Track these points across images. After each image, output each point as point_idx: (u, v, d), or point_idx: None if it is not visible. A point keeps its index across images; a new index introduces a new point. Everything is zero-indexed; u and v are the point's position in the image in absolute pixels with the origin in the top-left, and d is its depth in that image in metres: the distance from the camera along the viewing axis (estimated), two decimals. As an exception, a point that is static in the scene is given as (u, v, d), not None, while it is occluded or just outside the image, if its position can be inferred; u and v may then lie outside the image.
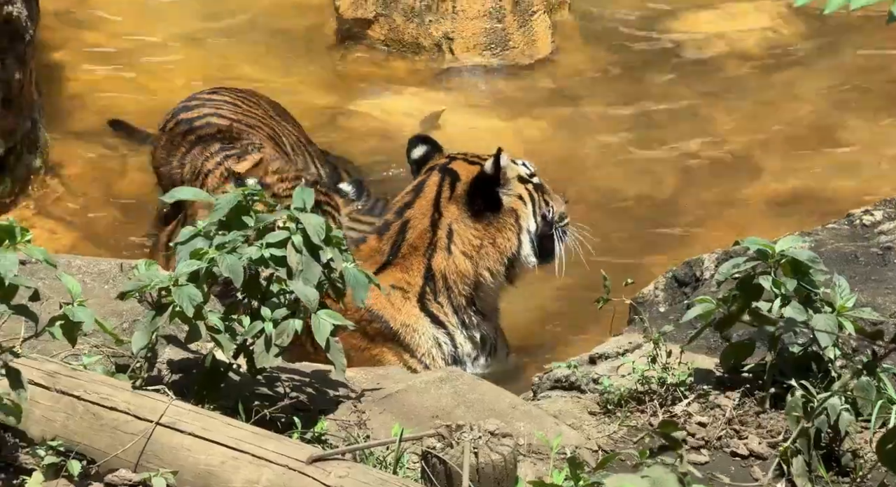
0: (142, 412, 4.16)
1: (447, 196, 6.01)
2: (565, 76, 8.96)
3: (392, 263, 5.98)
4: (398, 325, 5.93)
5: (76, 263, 5.08)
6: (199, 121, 7.40)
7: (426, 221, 5.99)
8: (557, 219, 6.16)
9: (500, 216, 5.99)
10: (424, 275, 5.96)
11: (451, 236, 5.97)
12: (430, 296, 5.96)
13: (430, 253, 5.96)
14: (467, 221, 5.99)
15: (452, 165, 6.10)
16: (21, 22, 7.26)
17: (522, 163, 6.20)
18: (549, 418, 4.67)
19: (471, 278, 5.98)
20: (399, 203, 6.14)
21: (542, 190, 6.17)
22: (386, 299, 5.92)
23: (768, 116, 8.51)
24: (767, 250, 4.67)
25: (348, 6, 9.17)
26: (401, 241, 5.98)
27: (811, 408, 4.51)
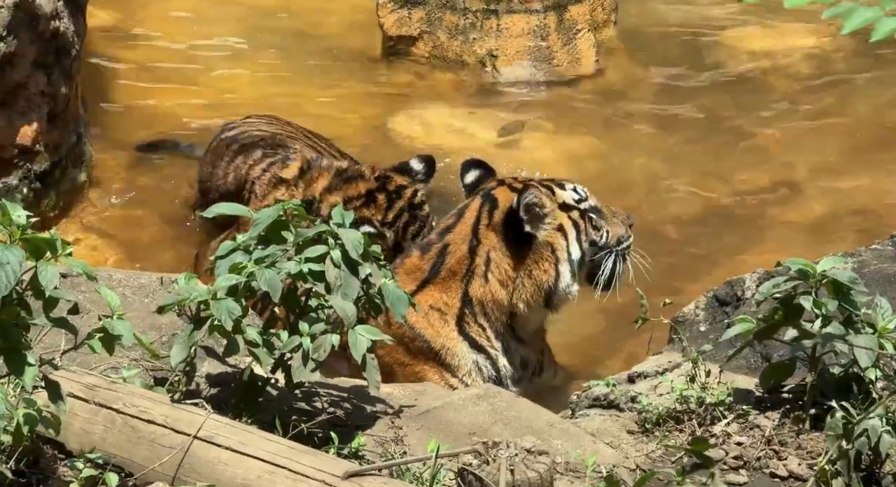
0: (179, 425, 4.17)
1: (486, 223, 5.97)
2: (609, 93, 8.96)
3: (432, 282, 5.97)
4: (438, 346, 5.92)
5: (117, 276, 5.11)
6: (241, 136, 7.46)
7: (465, 247, 5.96)
8: (614, 243, 6.05)
9: (536, 247, 5.92)
10: (462, 299, 5.93)
11: (489, 264, 5.93)
12: (468, 319, 5.93)
13: (468, 280, 5.93)
14: (504, 250, 5.93)
15: (495, 191, 6.06)
16: (68, 37, 7.31)
17: (573, 188, 6.10)
18: (587, 436, 4.65)
19: (506, 307, 5.93)
20: (443, 224, 6.13)
21: (592, 215, 6.05)
22: (426, 319, 5.91)
23: (815, 135, 8.47)
24: (808, 270, 4.64)
25: (393, 23, 9.20)
26: (440, 264, 5.97)
27: (851, 430, 4.47)
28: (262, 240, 4.52)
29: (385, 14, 9.22)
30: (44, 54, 7.16)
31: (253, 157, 7.22)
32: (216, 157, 7.42)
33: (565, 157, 8.22)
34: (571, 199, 6.06)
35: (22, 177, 7.18)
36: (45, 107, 7.21)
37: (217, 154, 7.43)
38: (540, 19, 9.07)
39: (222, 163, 7.35)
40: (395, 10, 9.20)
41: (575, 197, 6.07)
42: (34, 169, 7.22)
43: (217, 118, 8.51)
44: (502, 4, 9.07)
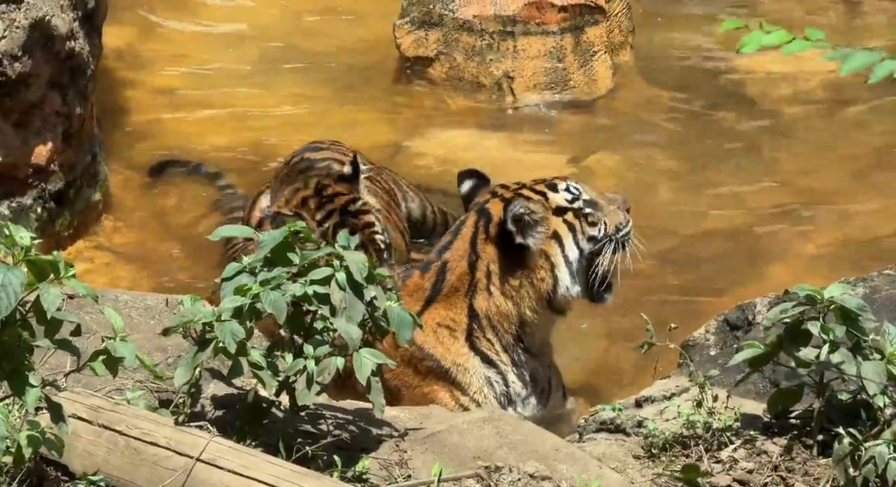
0: (182, 447, 4.17)
1: (483, 237, 5.95)
2: (625, 116, 8.95)
3: (436, 300, 5.96)
4: (449, 364, 5.91)
5: (123, 298, 5.11)
6: (320, 164, 7.37)
7: (464, 263, 5.95)
8: (613, 232, 5.99)
9: (532, 256, 5.92)
10: (469, 314, 5.93)
11: (490, 277, 5.92)
12: (478, 334, 5.92)
13: (472, 295, 5.93)
14: (503, 262, 5.92)
15: (488, 205, 6.03)
16: (83, 57, 7.34)
17: (565, 188, 6.03)
18: (593, 461, 4.63)
19: (514, 317, 5.93)
20: (441, 242, 6.13)
21: (587, 211, 5.98)
22: (435, 337, 5.90)
23: (831, 159, 8.45)
24: (816, 296, 4.62)
25: (409, 44, 9.22)
26: (441, 282, 5.96)
27: (859, 457, 4.45)
28: (268, 262, 4.52)
29: (402, 35, 9.24)
30: (59, 74, 7.19)
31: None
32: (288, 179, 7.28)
33: (580, 178, 8.21)
34: (564, 201, 5.99)
35: (36, 196, 7.20)
36: (59, 127, 7.23)
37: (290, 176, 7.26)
38: (556, 41, 9.08)
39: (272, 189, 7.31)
40: (412, 32, 9.22)
41: (568, 197, 6.00)
42: (48, 188, 7.24)
43: (233, 139, 8.54)
44: (519, 26, 9.08)
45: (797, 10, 10.17)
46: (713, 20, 10.01)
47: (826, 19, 10.06)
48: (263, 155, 8.45)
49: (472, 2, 9.15)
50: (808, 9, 10.20)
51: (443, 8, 9.16)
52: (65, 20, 7.15)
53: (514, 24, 9.08)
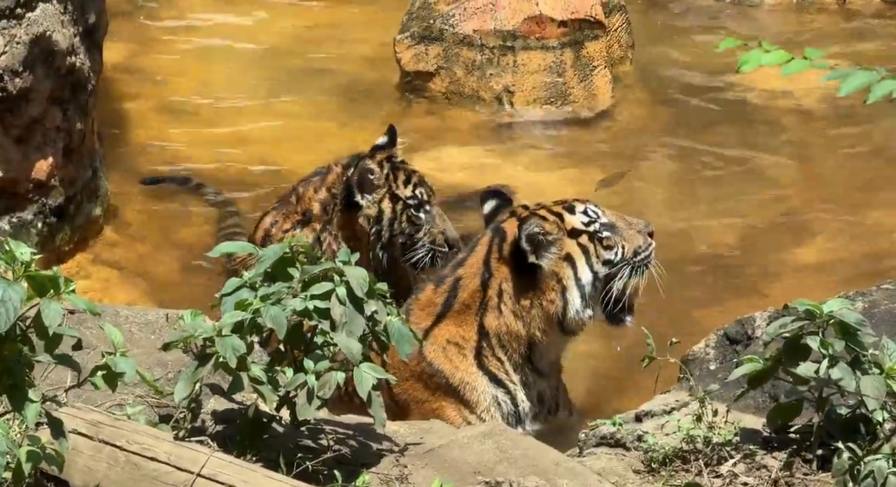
0: (182, 463, 4.17)
1: (497, 256, 5.94)
2: (626, 130, 8.97)
3: (446, 316, 5.95)
4: (457, 382, 5.90)
5: (124, 313, 5.12)
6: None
7: (477, 280, 5.94)
8: (630, 256, 5.96)
9: (543, 277, 5.90)
10: (479, 332, 5.92)
11: (502, 296, 5.91)
12: (487, 353, 5.91)
13: (483, 312, 5.92)
14: (515, 281, 5.91)
15: (504, 224, 6.02)
16: (84, 72, 7.35)
17: (583, 211, 6.01)
18: (593, 476, 4.63)
19: (524, 338, 5.92)
20: (455, 258, 6.13)
21: (603, 234, 5.96)
22: (444, 354, 5.89)
23: (831, 174, 8.46)
24: (815, 311, 4.63)
25: (410, 59, 9.24)
26: (453, 298, 5.95)
27: (858, 471, 4.45)
28: (268, 277, 4.53)
29: (402, 50, 9.26)
30: (60, 90, 7.20)
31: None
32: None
33: (581, 193, 8.21)
34: (580, 223, 5.97)
35: (37, 211, 7.21)
36: (60, 142, 7.25)
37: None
38: (556, 56, 9.10)
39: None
40: (412, 46, 9.24)
41: (584, 220, 5.98)
42: (49, 203, 7.25)
43: (233, 154, 8.56)
44: (519, 41, 9.10)
45: (795, 21, 10.20)
46: (713, 34, 10.05)
47: (821, 28, 10.09)
48: (265, 170, 8.46)
49: (472, 16, 9.17)
50: (802, 20, 10.23)
51: (443, 23, 9.19)
52: (65, 36, 7.17)
53: (514, 38, 9.10)
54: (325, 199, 6.85)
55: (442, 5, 9.25)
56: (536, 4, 9.11)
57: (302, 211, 6.91)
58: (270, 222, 7.12)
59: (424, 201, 6.84)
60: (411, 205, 6.83)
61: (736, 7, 10.59)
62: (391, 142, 7.08)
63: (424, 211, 6.84)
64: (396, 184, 6.83)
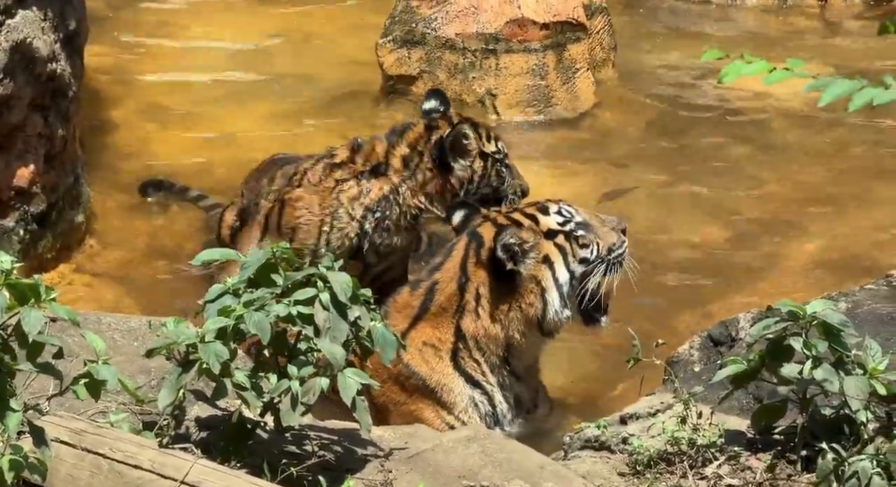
0: (166, 470, 4.16)
1: (474, 260, 5.97)
2: (608, 133, 8.97)
3: (423, 318, 5.97)
4: (434, 383, 5.92)
5: (106, 320, 5.11)
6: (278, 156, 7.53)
7: (454, 284, 5.97)
8: (605, 253, 6.00)
9: (522, 281, 5.92)
10: (455, 334, 5.94)
11: (479, 300, 5.94)
12: (463, 354, 5.93)
13: (460, 316, 5.94)
14: (493, 286, 5.93)
15: (480, 229, 6.05)
16: (65, 79, 7.34)
17: (557, 211, 6.05)
18: (578, 479, 4.63)
19: (502, 340, 5.94)
20: (432, 262, 6.14)
21: (578, 233, 6.00)
22: (420, 356, 5.91)
23: (813, 175, 8.48)
24: (798, 312, 4.64)
25: (392, 63, 9.23)
26: (429, 301, 5.98)
27: (842, 472, 4.46)
28: (252, 283, 4.52)
29: (384, 54, 9.26)
30: (41, 96, 7.18)
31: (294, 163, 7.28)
32: (259, 175, 7.45)
33: (564, 196, 8.20)
34: (556, 224, 6.00)
35: (18, 219, 7.18)
36: (41, 149, 7.23)
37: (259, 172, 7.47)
38: (539, 58, 9.10)
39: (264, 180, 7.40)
40: (394, 50, 9.24)
41: (559, 220, 6.01)
42: (31, 211, 7.23)
43: (217, 157, 8.53)
44: (501, 44, 9.10)
45: (775, 24, 10.21)
46: (695, 35, 10.06)
47: (802, 30, 10.11)
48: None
49: (454, 20, 9.17)
50: (784, 22, 10.25)
51: (425, 26, 9.18)
52: (46, 42, 7.15)
53: (497, 41, 9.11)
54: (406, 155, 6.91)
55: (424, 9, 9.25)
56: (518, 7, 9.10)
57: (373, 163, 6.96)
58: (233, 219, 7.26)
59: (505, 153, 6.91)
60: (498, 159, 6.89)
61: (718, 9, 10.62)
62: (445, 104, 7.16)
63: (505, 165, 6.91)
64: (482, 142, 6.90)
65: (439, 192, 6.90)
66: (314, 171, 7.04)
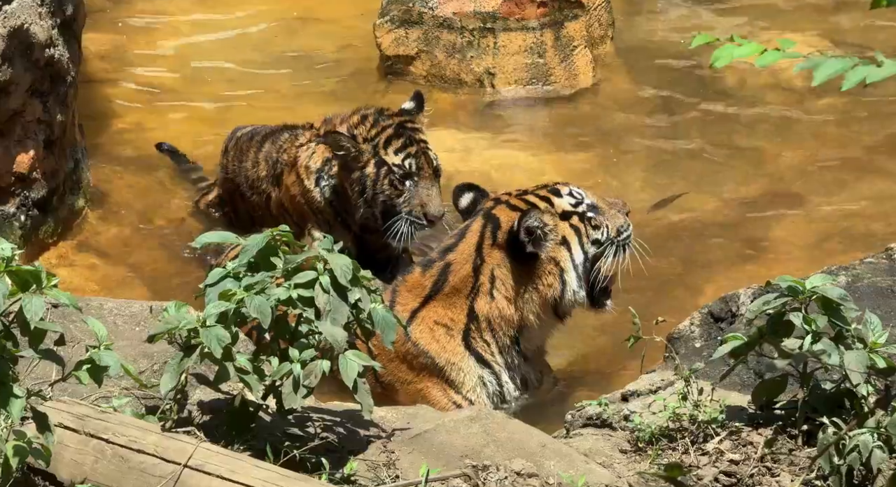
0: (169, 454, 4.18)
1: (489, 242, 6.01)
2: (607, 109, 8.96)
3: (435, 298, 6.00)
4: (444, 362, 5.95)
5: (108, 306, 5.12)
6: (254, 130, 7.61)
7: (468, 266, 6.00)
8: (615, 235, 6.09)
9: (541, 263, 5.98)
10: (468, 315, 5.97)
11: (494, 281, 5.98)
12: (475, 335, 5.97)
13: (473, 297, 5.98)
14: (509, 267, 5.98)
15: (496, 210, 6.10)
16: (63, 64, 7.34)
17: (568, 193, 6.14)
18: (580, 456, 4.65)
19: (515, 322, 5.99)
20: (445, 243, 6.18)
21: (590, 215, 6.08)
22: (431, 335, 5.95)
23: (813, 148, 8.47)
24: (798, 287, 4.65)
25: (390, 43, 9.22)
26: (442, 282, 6.01)
27: (843, 445, 4.48)
28: (252, 267, 4.53)
29: (382, 34, 9.25)
30: (39, 82, 7.18)
31: (284, 135, 7.37)
32: (240, 152, 7.54)
33: (565, 175, 8.21)
34: (569, 205, 6.09)
35: (19, 204, 7.19)
36: (41, 135, 7.23)
37: (240, 149, 7.55)
38: (536, 36, 9.09)
39: (251, 153, 7.47)
40: (392, 30, 9.23)
41: (572, 202, 6.11)
42: (31, 196, 7.24)
43: (217, 140, 8.53)
44: (499, 22, 9.09)
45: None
46: (693, 11, 10.04)
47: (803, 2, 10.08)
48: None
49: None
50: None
51: (422, 6, 9.17)
52: (43, 27, 7.15)
53: (494, 20, 9.09)
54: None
55: (421, -12, 9.23)
56: (515, -15, 9.10)
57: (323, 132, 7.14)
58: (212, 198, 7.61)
59: (412, 173, 6.88)
60: (397, 172, 6.88)
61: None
62: (418, 108, 7.25)
63: (411, 181, 6.88)
64: (386, 150, 6.90)
65: (341, 185, 7.04)
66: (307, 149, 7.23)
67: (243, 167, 7.51)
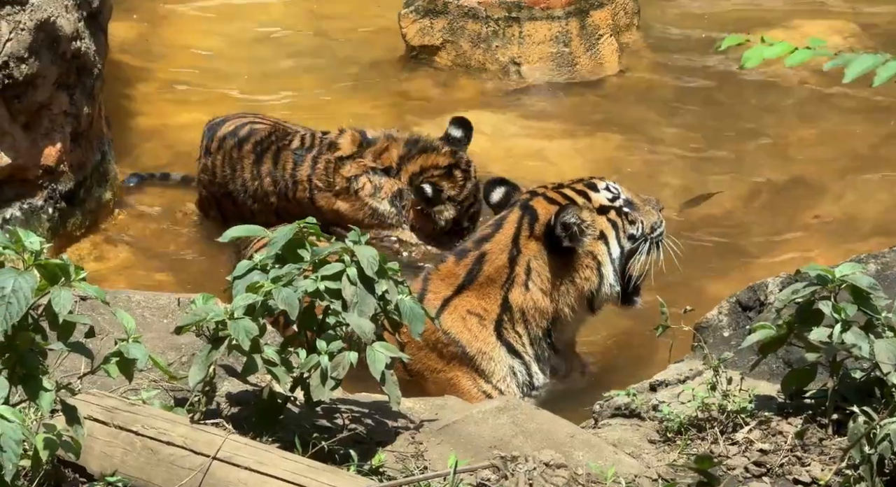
0: (198, 446, 4.18)
1: (527, 234, 6.03)
2: (633, 97, 8.94)
3: (468, 288, 6.01)
4: (474, 351, 5.96)
5: (136, 298, 5.13)
6: (242, 131, 7.57)
7: (504, 256, 6.01)
8: (649, 232, 6.13)
9: (578, 257, 6.00)
10: (502, 306, 5.98)
11: (530, 273, 5.99)
12: (507, 325, 5.98)
13: (508, 288, 5.98)
14: (546, 259, 5.99)
15: (533, 202, 6.12)
16: (89, 57, 7.35)
17: (605, 187, 6.17)
18: (608, 447, 4.64)
19: (549, 314, 6.00)
20: (479, 233, 6.19)
21: (627, 210, 6.12)
22: (463, 324, 5.96)
23: (839, 137, 8.43)
24: (827, 276, 4.62)
25: (415, 34, 9.21)
26: (477, 271, 6.02)
27: (874, 435, 4.45)
28: (279, 259, 4.54)
29: (407, 24, 9.24)
30: (66, 75, 7.20)
31: (288, 160, 7.36)
32: (233, 159, 7.52)
33: (591, 163, 8.21)
34: (606, 200, 6.13)
35: (47, 197, 7.21)
36: (68, 128, 7.25)
37: (231, 155, 7.53)
38: (562, 25, 9.07)
39: (246, 164, 7.46)
40: (417, 20, 9.22)
41: (609, 196, 6.14)
42: (59, 189, 7.26)
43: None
44: (524, 12, 9.07)
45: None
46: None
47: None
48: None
49: (476, -12, 9.14)
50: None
51: (447, -5, 9.16)
52: (70, 20, 7.16)
53: (520, 9, 9.08)
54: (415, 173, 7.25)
55: (446, -22, 9.22)
56: (540, -26, 9.08)
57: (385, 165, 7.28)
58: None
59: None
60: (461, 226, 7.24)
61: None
62: (466, 138, 7.42)
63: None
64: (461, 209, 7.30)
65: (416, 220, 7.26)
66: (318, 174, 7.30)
67: (240, 176, 7.50)
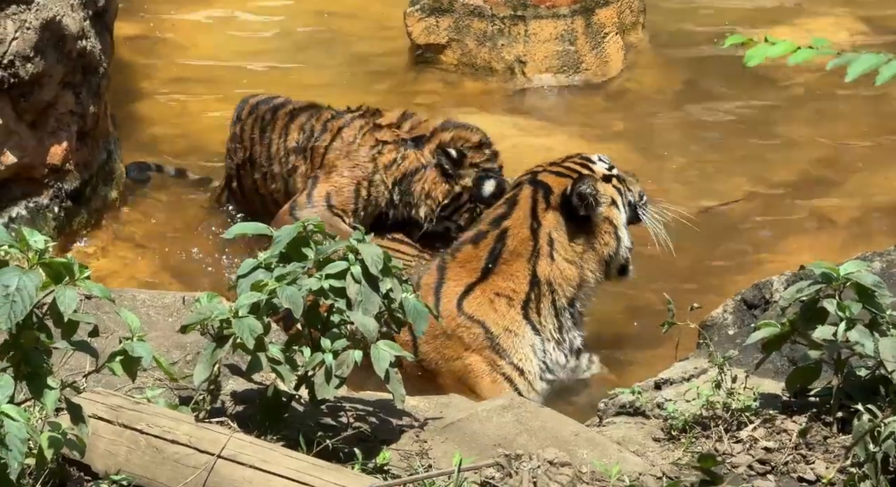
0: (203, 444, 4.19)
1: (543, 206, 6.16)
2: (638, 95, 8.94)
3: (494, 271, 6.06)
4: (500, 330, 6.04)
5: (140, 297, 5.14)
6: (277, 100, 7.56)
7: (525, 230, 6.14)
8: (639, 199, 6.34)
9: (597, 223, 6.16)
10: (531, 282, 6.08)
11: (553, 244, 6.13)
12: (532, 304, 6.09)
13: (535, 260, 6.12)
14: (566, 229, 6.14)
15: (541, 177, 6.26)
16: (95, 55, 7.35)
17: (599, 158, 6.40)
18: (613, 445, 4.64)
19: (575, 281, 6.14)
20: (492, 215, 6.26)
21: (624, 178, 6.35)
22: (490, 305, 6.04)
23: (845, 134, 8.42)
24: (832, 274, 4.62)
25: (421, 32, 9.21)
26: (500, 249, 6.12)
27: (878, 432, 4.45)
28: (283, 258, 4.54)
29: (413, 23, 9.24)
30: (72, 73, 7.20)
31: (326, 114, 7.33)
32: (264, 121, 7.47)
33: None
34: (605, 169, 6.34)
35: (53, 196, 7.22)
36: (74, 126, 7.25)
37: (264, 117, 7.48)
38: (567, 24, 9.07)
39: (278, 125, 7.41)
40: (422, 19, 9.22)
41: (606, 166, 6.37)
42: (65, 188, 7.26)
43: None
44: (529, 10, 9.07)
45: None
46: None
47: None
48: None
49: (481, -13, 9.14)
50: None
51: (453, -6, 9.16)
52: (75, 19, 7.17)
53: (525, 8, 9.07)
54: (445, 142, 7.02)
55: (451, -24, 9.22)
56: (546, -28, 9.07)
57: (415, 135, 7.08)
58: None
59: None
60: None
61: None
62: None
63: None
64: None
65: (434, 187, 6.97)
66: (352, 126, 7.14)
67: (268, 138, 7.43)
